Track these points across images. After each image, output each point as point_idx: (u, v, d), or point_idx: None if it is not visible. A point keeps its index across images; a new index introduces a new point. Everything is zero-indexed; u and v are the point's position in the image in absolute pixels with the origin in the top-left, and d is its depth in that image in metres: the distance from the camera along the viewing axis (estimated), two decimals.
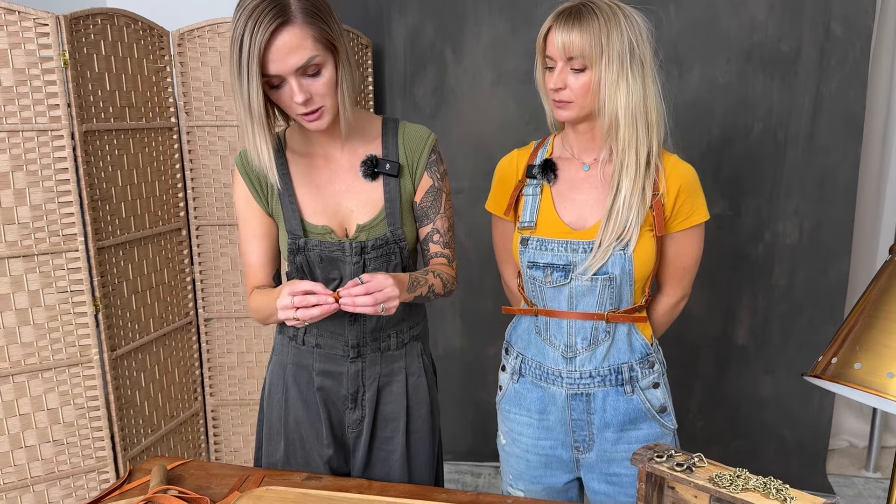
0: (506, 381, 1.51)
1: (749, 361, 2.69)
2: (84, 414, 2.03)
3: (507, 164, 1.47)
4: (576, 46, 1.24)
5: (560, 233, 1.35)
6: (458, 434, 2.92)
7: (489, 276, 2.74)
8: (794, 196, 2.53)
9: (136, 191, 2.16)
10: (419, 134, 1.38)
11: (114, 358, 2.07)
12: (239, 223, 1.39)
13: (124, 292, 2.13)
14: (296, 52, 1.14)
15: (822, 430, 2.70)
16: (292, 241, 1.32)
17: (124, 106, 2.10)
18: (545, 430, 1.45)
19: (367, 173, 1.32)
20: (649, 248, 1.33)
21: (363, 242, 1.31)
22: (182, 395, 2.42)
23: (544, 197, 1.38)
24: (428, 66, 2.67)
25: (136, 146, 2.15)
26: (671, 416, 1.43)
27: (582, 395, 1.38)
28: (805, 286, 2.59)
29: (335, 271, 1.34)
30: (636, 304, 1.37)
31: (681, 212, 1.34)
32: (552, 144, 1.44)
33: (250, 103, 1.15)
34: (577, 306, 1.36)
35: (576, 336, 1.37)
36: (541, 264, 1.36)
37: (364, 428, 1.42)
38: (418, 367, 1.45)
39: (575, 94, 1.28)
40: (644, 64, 1.27)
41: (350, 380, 1.40)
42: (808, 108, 2.46)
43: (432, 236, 1.42)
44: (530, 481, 1.49)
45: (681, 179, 1.33)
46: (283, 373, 1.43)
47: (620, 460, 1.40)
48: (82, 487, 2.06)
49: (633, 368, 1.37)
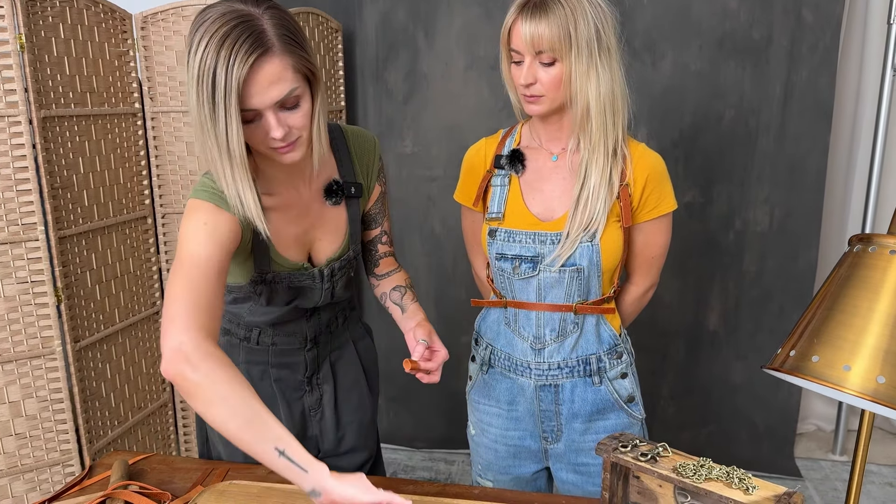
0: (475, 372, 1.50)
1: (720, 347, 2.71)
2: (47, 406, 1.99)
3: (474, 153, 1.45)
4: (545, 40, 1.20)
5: (528, 224, 1.34)
6: (431, 422, 2.92)
7: (462, 265, 2.72)
8: (765, 183, 2.54)
9: (98, 178, 2.11)
10: (367, 143, 1.34)
11: (77, 349, 2.03)
12: (190, 261, 1.07)
13: (88, 282, 2.08)
14: (276, 84, 1.02)
15: (791, 414, 2.74)
16: (258, 276, 1.26)
17: (85, 91, 2.04)
18: (514, 421, 1.44)
19: (336, 202, 1.28)
20: (616, 238, 1.32)
21: (332, 267, 1.31)
22: (150, 387, 2.38)
23: (512, 188, 1.37)
24: (400, 51, 2.63)
25: (98, 132, 2.10)
26: (639, 405, 1.43)
27: (550, 385, 1.38)
28: (775, 273, 2.61)
29: (299, 295, 1.31)
30: (604, 294, 1.37)
31: (648, 201, 1.33)
32: (520, 133, 1.41)
33: (228, 144, 1.02)
34: (546, 298, 1.35)
35: (544, 328, 1.36)
36: (509, 256, 1.35)
37: (325, 407, 1.42)
38: (360, 331, 1.50)
39: (546, 88, 1.25)
40: (611, 49, 1.25)
41: (309, 366, 1.40)
42: (779, 95, 2.47)
43: (381, 238, 1.43)
44: (499, 471, 1.49)
45: (648, 169, 1.32)
46: None
47: (588, 450, 1.40)
48: (46, 481, 2.02)
49: (600, 359, 1.37)
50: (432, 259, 2.78)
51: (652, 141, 2.54)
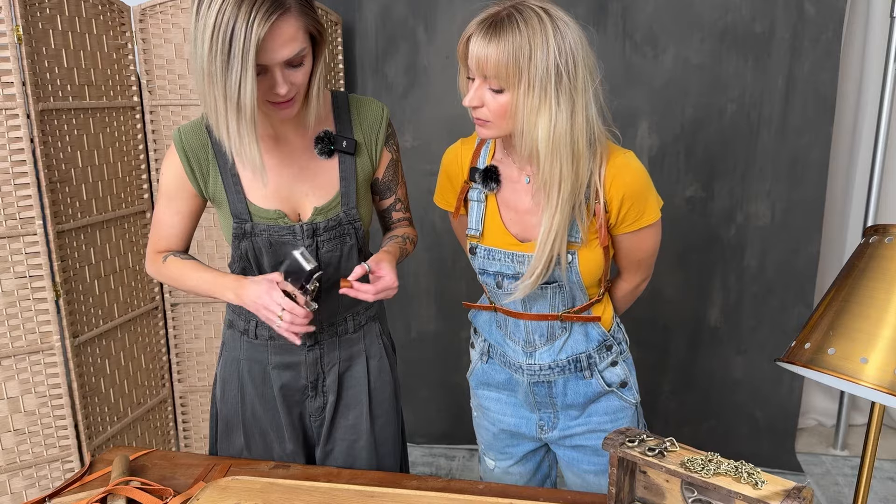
0: (475, 359, 1.50)
1: (721, 342, 2.70)
2: (46, 402, 1.97)
3: (451, 160, 1.38)
4: (490, 65, 1.09)
5: (506, 244, 1.31)
6: (431, 417, 2.91)
7: (462, 259, 2.71)
8: (767, 177, 2.53)
9: (97, 172, 2.09)
10: (373, 109, 1.33)
11: (76, 345, 2.01)
12: (162, 198, 1.31)
13: (86, 277, 2.06)
14: (290, 43, 1.08)
15: (792, 409, 2.73)
16: (238, 226, 1.26)
17: (83, 84, 2.02)
18: (511, 407, 1.45)
19: (324, 151, 1.27)
20: (596, 256, 1.28)
21: (315, 224, 1.27)
22: (149, 382, 2.37)
23: (489, 205, 1.32)
24: (400, 44, 2.61)
25: (96, 126, 2.08)
26: (632, 390, 1.42)
27: (543, 382, 1.38)
28: (776, 267, 2.60)
29: (285, 257, 1.27)
30: (592, 299, 1.35)
31: (627, 217, 1.26)
32: (494, 144, 1.33)
33: (240, 99, 1.05)
34: (532, 309, 1.34)
35: (533, 333, 1.36)
36: (490, 272, 1.33)
37: (326, 415, 1.39)
38: (378, 348, 1.43)
39: (493, 115, 1.15)
40: (575, 86, 1.11)
41: (309, 368, 1.36)
42: (781, 89, 2.45)
43: (395, 206, 1.42)
44: (499, 451, 1.51)
45: (624, 188, 1.22)
46: (236, 368, 1.38)
47: (582, 434, 1.41)
48: (45, 477, 2.01)
49: (590, 356, 1.37)
50: (432, 254, 2.77)
51: (652, 135, 2.52)
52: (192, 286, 1.29)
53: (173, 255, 1.33)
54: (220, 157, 1.25)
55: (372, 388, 1.41)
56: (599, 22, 2.46)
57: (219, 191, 1.27)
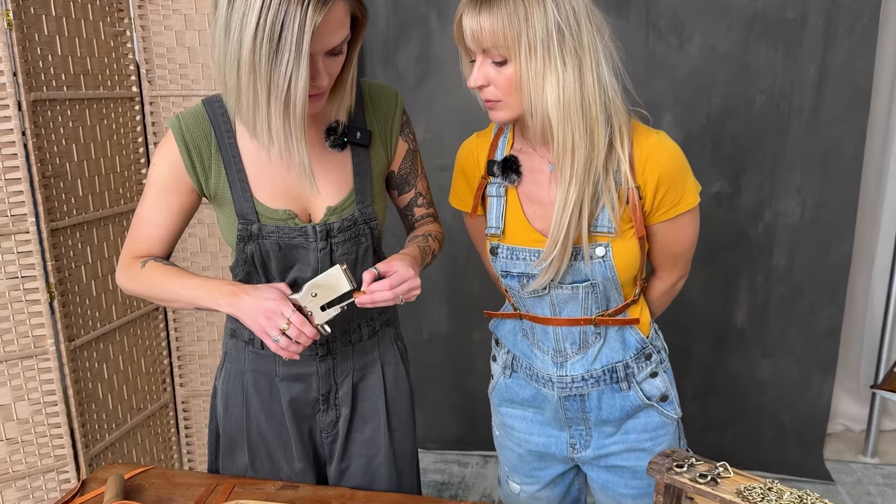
0: (497, 373, 1.38)
1: (747, 345, 2.59)
2: (40, 410, 1.87)
3: (466, 154, 1.28)
4: (485, 34, 1.02)
5: (531, 240, 1.19)
6: (443, 422, 2.80)
7: (475, 257, 2.59)
8: (797, 172, 2.41)
9: (94, 166, 1.98)
10: (387, 96, 1.21)
11: (72, 349, 1.90)
12: (150, 192, 1.16)
13: (83, 277, 1.96)
14: (339, 29, 0.98)
15: (821, 414, 2.61)
16: (243, 227, 1.14)
17: (79, 73, 1.91)
18: (539, 426, 1.33)
19: (336, 143, 1.15)
20: (631, 250, 1.17)
21: (329, 225, 1.15)
22: (149, 387, 2.26)
23: (510, 199, 1.21)
24: (412, 32, 2.50)
25: (93, 117, 1.97)
26: (673, 404, 1.31)
27: (575, 396, 1.26)
28: (806, 267, 2.48)
29: (295, 262, 1.16)
30: (627, 300, 1.24)
31: (664, 202, 1.16)
32: (513, 132, 1.23)
33: (290, 93, 0.94)
34: (561, 312, 1.22)
35: (564, 341, 1.24)
36: (514, 273, 1.21)
37: (339, 430, 1.28)
38: (394, 355, 1.32)
39: (501, 92, 1.07)
40: (580, 42, 1.03)
41: (321, 380, 1.25)
42: (813, 78, 2.33)
43: (416, 200, 1.30)
44: (525, 474, 1.38)
45: (659, 169, 1.13)
46: (240, 382, 1.26)
47: (619, 453, 1.29)
48: (40, 489, 1.91)
49: (628, 366, 1.25)
50: (444, 252, 2.65)
51: (677, 127, 2.40)
52: (174, 296, 1.12)
53: (154, 260, 1.17)
54: (224, 151, 1.13)
55: (389, 399, 1.30)
56: (621, 9, 2.34)
57: (221, 188, 1.15)
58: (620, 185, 1.13)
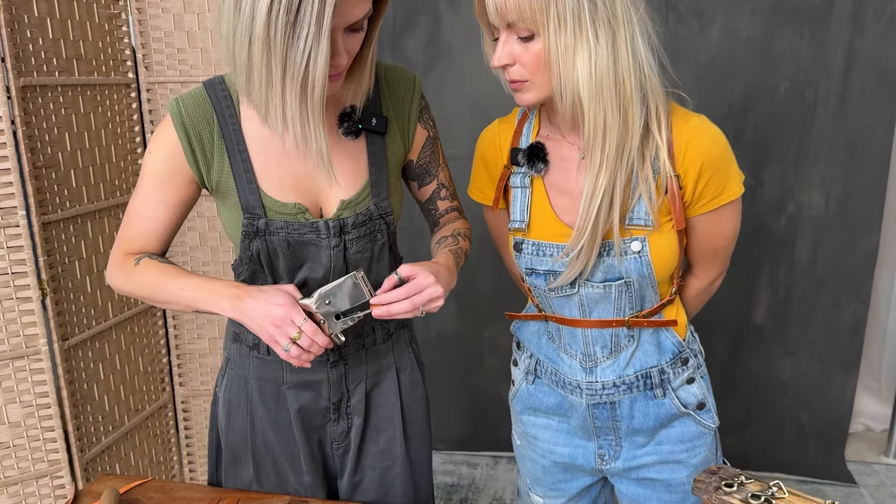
0: (518, 379, 1.29)
1: (767, 342, 2.50)
2: (33, 413, 1.78)
3: (488, 142, 1.19)
4: (511, 6, 0.94)
5: (558, 235, 1.10)
6: (451, 422, 2.71)
7: (486, 251, 2.49)
8: (822, 163, 2.31)
9: (88, 156, 1.88)
10: (404, 79, 1.12)
11: (66, 348, 1.81)
12: (145, 183, 1.06)
13: (77, 273, 1.86)
14: (360, 3, 0.89)
15: (843, 414, 2.53)
16: (249, 223, 1.04)
17: (71, 58, 1.81)
18: (564, 435, 1.24)
19: (350, 130, 1.05)
20: (670, 245, 1.08)
21: (342, 220, 1.05)
22: (147, 387, 2.17)
23: (536, 190, 1.12)
24: (419, 17, 2.40)
25: (86, 105, 1.87)
26: (711, 412, 1.22)
27: (605, 403, 1.17)
28: (830, 261, 2.39)
29: (305, 260, 1.07)
30: (663, 299, 1.15)
31: (706, 192, 1.06)
32: (538, 118, 1.14)
33: (307, 74, 0.84)
34: (591, 314, 1.13)
35: (593, 345, 1.15)
36: (540, 271, 1.12)
37: (351, 441, 1.19)
38: (409, 359, 1.23)
39: (528, 70, 0.99)
40: (613, 13, 0.95)
41: (332, 388, 1.15)
42: (840, 65, 2.23)
43: (439, 193, 1.19)
44: (549, 486, 1.29)
45: (702, 155, 1.03)
46: (244, 390, 1.16)
47: (652, 464, 1.20)
48: (33, 495, 1.82)
49: (663, 371, 1.16)
50: None
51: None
52: (171, 297, 1.03)
53: (149, 256, 1.08)
54: (228, 138, 1.03)
55: (404, 406, 1.21)
56: None
57: (224, 179, 1.05)
58: (658, 173, 1.04)
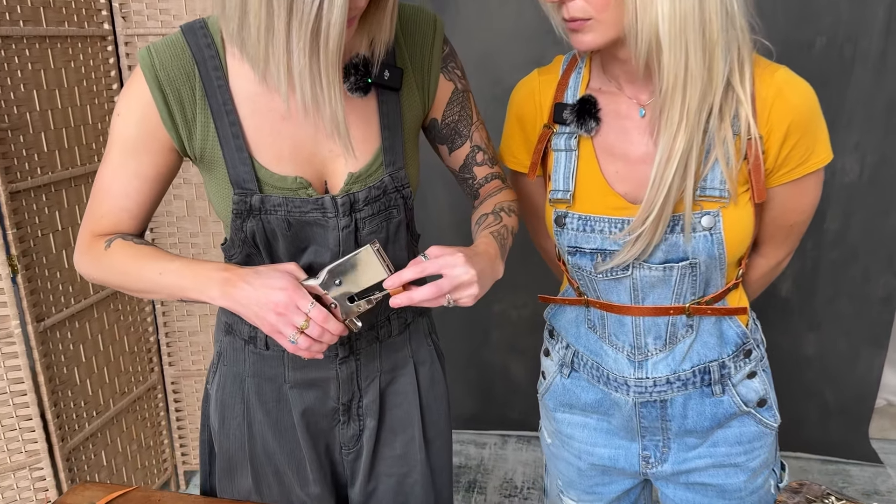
0: (551, 371, 1.14)
1: (791, 316, 2.37)
2: (7, 400, 1.63)
3: (525, 96, 1.02)
4: None
5: (610, 207, 0.94)
6: (458, 399, 2.57)
7: None
8: (857, 126, 2.15)
9: (60, 117, 1.69)
10: (423, 21, 0.94)
11: (41, 330, 1.65)
12: (113, 152, 0.89)
13: (51, 247, 1.69)
14: None
15: (869, 390, 2.41)
16: (240, 199, 0.87)
17: (38, 6, 1.61)
18: (604, 435, 1.10)
19: (358, 86, 0.87)
20: (745, 220, 0.93)
21: (353, 196, 0.88)
22: (134, 367, 2.02)
23: (584, 153, 0.96)
24: None
25: (57, 59, 1.67)
26: (773, 409, 1.08)
27: (655, 401, 1.02)
28: (862, 230, 2.25)
29: (309, 243, 0.90)
30: (729, 283, 0.99)
31: (791, 158, 0.91)
32: (588, 68, 0.98)
33: (320, 18, 0.70)
34: (645, 300, 0.97)
35: (645, 336, 1.00)
36: (587, 250, 0.96)
37: (364, 445, 1.04)
38: (428, 351, 1.08)
39: (593, 6, 0.83)
40: None
41: (341, 387, 1.00)
42: (882, 20, 2.05)
43: (475, 157, 1.01)
44: (584, 490, 1.16)
45: (790, 114, 0.88)
46: (239, 389, 1.00)
47: (705, 468, 1.06)
48: (11, 488, 1.68)
49: (724, 365, 1.01)
50: (457, 214, 2.40)
51: None
52: (149, 284, 0.87)
53: (122, 237, 0.91)
54: (212, 96, 0.85)
55: (424, 405, 1.06)
56: None
57: (210, 146, 0.87)
58: (738, 134, 0.88)
